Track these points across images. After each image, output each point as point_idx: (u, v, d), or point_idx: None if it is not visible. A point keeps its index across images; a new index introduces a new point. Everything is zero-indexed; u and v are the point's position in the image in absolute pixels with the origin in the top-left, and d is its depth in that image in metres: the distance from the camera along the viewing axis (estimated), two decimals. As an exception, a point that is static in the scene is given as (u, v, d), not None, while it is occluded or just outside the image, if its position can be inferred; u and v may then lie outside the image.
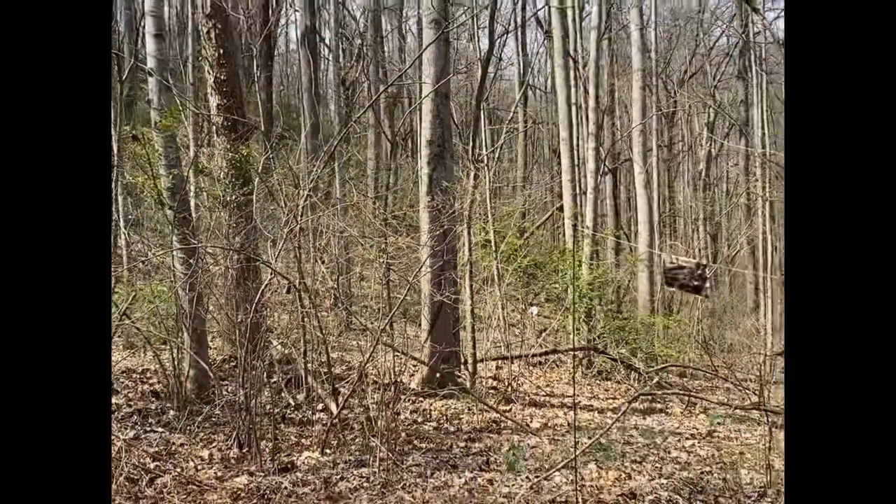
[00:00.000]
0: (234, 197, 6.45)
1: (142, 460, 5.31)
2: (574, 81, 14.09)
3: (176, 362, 6.46)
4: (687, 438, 7.17)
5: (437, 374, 8.16)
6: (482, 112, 17.58)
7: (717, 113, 23.31)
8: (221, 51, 7.18)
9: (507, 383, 9.18)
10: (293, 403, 6.85)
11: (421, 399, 7.79)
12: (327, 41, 22.34)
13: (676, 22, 24.99)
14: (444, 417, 7.27)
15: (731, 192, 24.05)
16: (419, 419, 7.12)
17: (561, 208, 14.50)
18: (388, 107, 20.19)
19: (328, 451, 5.82)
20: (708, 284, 5.30)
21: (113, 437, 5.46)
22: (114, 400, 6.55)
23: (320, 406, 6.70)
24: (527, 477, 5.39)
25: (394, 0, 22.99)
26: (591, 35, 14.80)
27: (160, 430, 6.09)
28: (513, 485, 5.25)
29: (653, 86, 17.90)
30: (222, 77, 7.16)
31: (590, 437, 5.97)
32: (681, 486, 5.49)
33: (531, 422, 7.41)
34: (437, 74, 8.39)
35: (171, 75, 7.70)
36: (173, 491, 4.79)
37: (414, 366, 8.30)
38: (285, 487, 5.01)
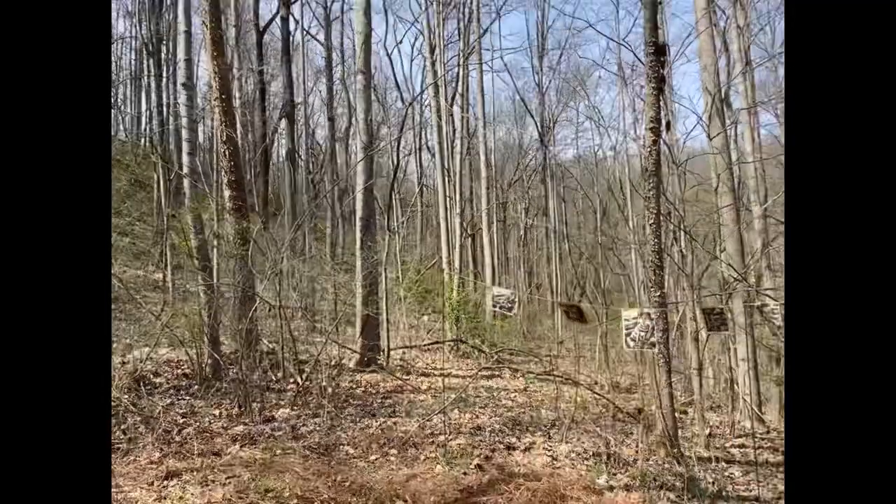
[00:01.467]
0: (237, 252, 6.20)
1: (174, 418, 4.98)
2: (448, 183, 14.30)
3: (199, 355, 6.12)
4: (511, 392, 7.21)
5: (366, 359, 8.02)
6: (394, 200, 17.63)
7: (529, 203, 24.12)
8: (232, 163, 6.94)
9: (407, 362, 9.10)
10: (274, 379, 6.56)
11: (355, 374, 7.62)
12: (302, 156, 22.02)
13: (506, 150, 25.87)
14: (369, 385, 7.12)
15: (539, 248, 24.80)
16: (353, 386, 6.94)
17: (441, 258, 14.61)
18: (339, 196, 19.98)
19: (296, 408, 5.60)
20: (515, 308, 5.40)
21: (154, 405, 5.11)
22: (157, 379, 6.12)
23: (291, 380, 6.44)
24: (417, 419, 5.32)
25: (342, 134, 22.94)
26: (457, 156, 15.17)
27: (188, 398, 5.72)
28: (408, 425, 5.17)
29: (493, 186, 18.37)
30: (232, 178, 6.90)
31: (455, 394, 5.97)
32: (507, 421, 5.53)
33: (422, 385, 7.34)
34: (366, 178, 8.39)
35: (203, 176, 7.44)
36: (194, 437, 4.50)
37: (351, 353, 8.12)
38: (267, 432, 4.79)
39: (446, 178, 14.28)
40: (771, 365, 7.03)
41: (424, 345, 10.40)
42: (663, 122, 4.97)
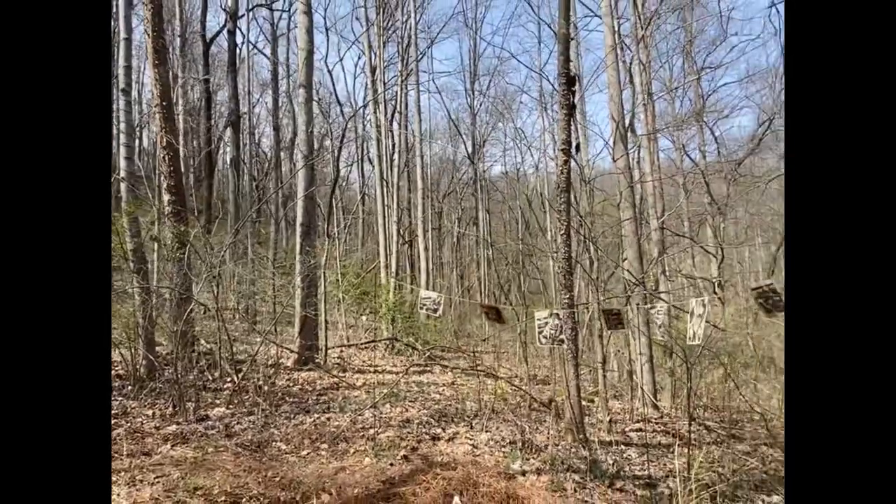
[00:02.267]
0: (174, 255, 5.85)
1: (104, 420, 4.61)
2: (386, 193, 14.20)
3: (133, 356, 5.71)
4: (440, 386, 7.18)
5: (304, 357, 7.79)
6: (335, 207, 17.28)
7: (461, 213, 24.37)
8: (172, 167, 6.57)
9: (345, 360, 8.92)
10: (211, 378, 6.24)
11: (293, 372, 7.37)
12: (246, 163, 21.19)
13: (442, 164, 26.01)
14: (306, 382, 6.89)
15: (469, 254, 25.04)
16: (290, 384, 6.70)
17: (380, 262, 14.44)
18: (283, 202, 19.36)
19: (231, 406, 5.33)
20: (441, 310, 5.40)
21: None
22: (88, 381, 5.67)
23: (228, 379, 6.15)
24: (349, 414, 5.20)
25: (287, 143, 22.29)
26: (395, 169, 15.09)
27: (120, 398, 5.32)
28: (341, 420, 5.05)
29: (428, 197, 18.40)
30: (172, 183, 6.54)
31: (388, 389, 5.90)
32: (434, 413, 5.50)
33: (357, 382, 7.19)
34: (306, 186, 8.18)
35: (146, 180, 6.95)
36: (124, 437, 4.19)
37: (290, 353, 7.86)
38: (200, 430, 4.53)
39: (385, 189, 14.17)
40: (665, 358, 7.41)
41: (361, 343, 10.24)
42: (573, 145, 5.14)
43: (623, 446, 4.85)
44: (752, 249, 18.39)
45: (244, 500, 3.24)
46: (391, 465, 3.81)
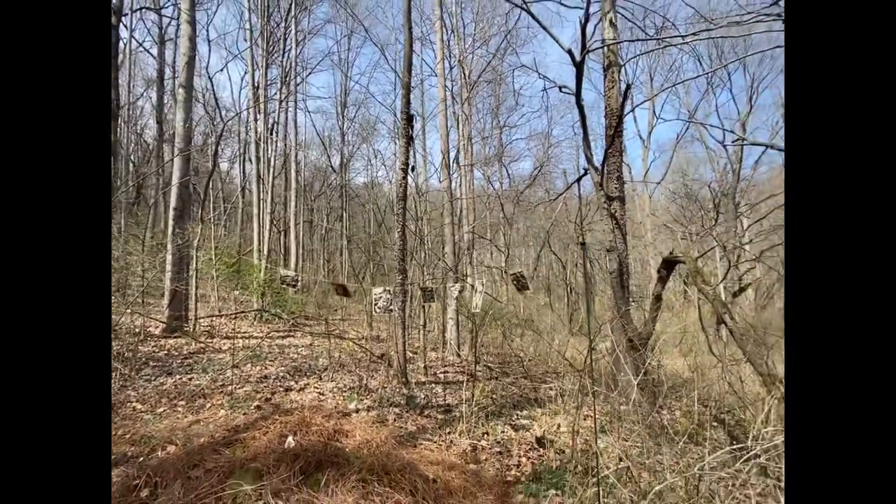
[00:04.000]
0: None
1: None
2: (263, 189, 12.77)
3: None
4: (299, 348, 6.66)
5: (172, 326, 6.58)
6: (210, 196, 15.02)
7: (330, 211, 23.10)
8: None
9: (214, 328, 7.78)
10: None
11: (160, 340, 6.17)
12: (125, 149, 17.15)
13: (316, 171, 24.31)
14: (173, 348, 5.82)
15: (335, 244, 23.93)
16: (156, 350, 5.59)
17: (254, 246, 12.94)
18: (163, 188, 16.17)
19: (85, 373, 4.24)
20: (298, 284, 5.05)
21: None
22: None
23: (85, 348, 4.88)
24: (211, 374, 4.54)
25: (169, 136, 18.66)
26: (272, 170, 13.64)
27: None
28: (202, 380, 4.38)
29: (301, 196, 17.02)
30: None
31: (249, 351, 5.29)
32: (290, 369, 5.09)
33: (223, 346, 6.31)
34: (180, 175, 6.91)
35: None
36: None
37: (158, 322, 6.58)
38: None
39: (261, 186, 12.73)
40: (467, 321, 7.95)
41: (230, 314, 9.05)
42: (410, 166, 5.20)
43: (434, 385, 5.05)
44: (527, 249, 20.91)
45: (87, 459, 2.59)
46: (244, 415, 3.41)
